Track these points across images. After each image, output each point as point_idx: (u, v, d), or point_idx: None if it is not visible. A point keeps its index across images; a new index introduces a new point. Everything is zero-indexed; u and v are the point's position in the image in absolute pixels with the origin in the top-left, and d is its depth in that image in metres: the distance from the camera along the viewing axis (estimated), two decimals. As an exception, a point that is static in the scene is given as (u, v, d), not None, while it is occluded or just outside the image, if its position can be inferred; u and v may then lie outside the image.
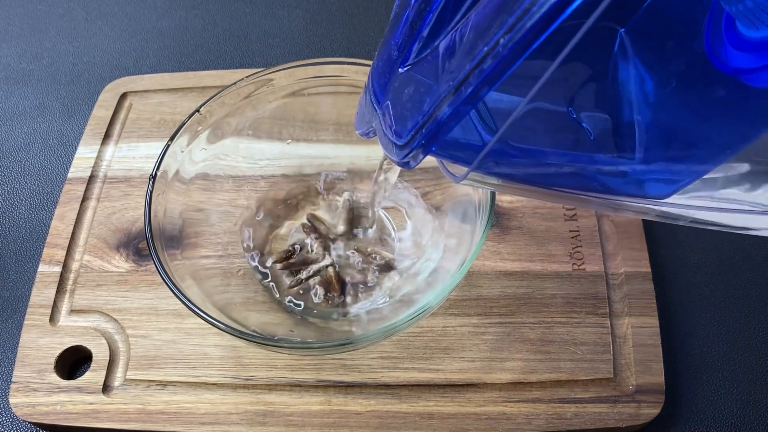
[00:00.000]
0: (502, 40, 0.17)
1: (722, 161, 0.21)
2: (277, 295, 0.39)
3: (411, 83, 0.22)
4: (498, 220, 0.41)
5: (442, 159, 0.26)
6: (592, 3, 0.15)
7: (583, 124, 0.23)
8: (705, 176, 0.21)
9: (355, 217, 0.42)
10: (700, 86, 0.21)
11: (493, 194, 0.32)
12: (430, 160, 0.26)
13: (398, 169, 0.35)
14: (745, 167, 0.21)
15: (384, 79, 0.24)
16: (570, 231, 0.41)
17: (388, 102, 0.23)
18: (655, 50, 0.22)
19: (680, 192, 0.22)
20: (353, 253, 0.40)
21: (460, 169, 0.25)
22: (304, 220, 0.42)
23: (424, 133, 0.21)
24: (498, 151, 0.23)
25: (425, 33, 0.22)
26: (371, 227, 0.41)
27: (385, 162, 0.34)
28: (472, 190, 0.35)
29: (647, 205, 0.24)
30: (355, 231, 0.41)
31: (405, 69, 0.23)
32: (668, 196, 0.22)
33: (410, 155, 0.23)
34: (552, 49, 0.17)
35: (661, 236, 0.42)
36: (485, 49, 0.18)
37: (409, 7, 0.23)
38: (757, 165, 0.21)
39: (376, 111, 0.24)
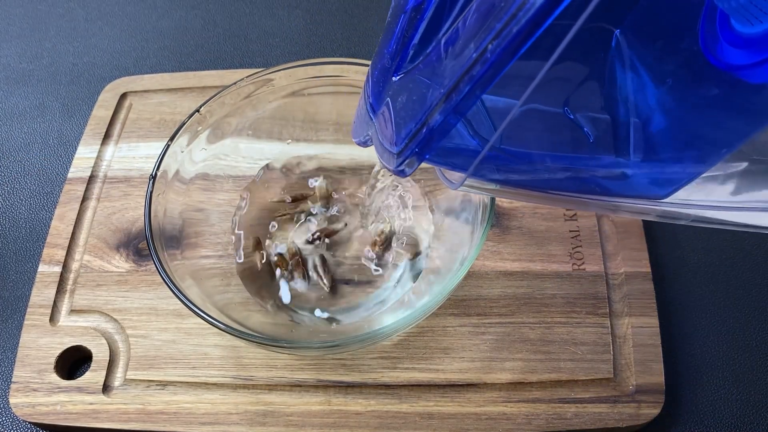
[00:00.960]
0: (490, 46, 0.17)
1: (720, 159, 0.21)
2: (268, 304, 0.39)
3: (404, 91, 0.22)
4: (498, 220, 0.41)
5: (438, 166, 0.25)
6: (578, 6, 0.15)
7: (581, 126, 0.23)
8: (704, 174, 0.21)
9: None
10: (697, 84, 0.21)
11: (493, 194, 0.32)
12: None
13: (390, 182, 0.35)
14: (743, 165, 0.21)
15: (379, 88, 0.24)
16: (570, 231, 0.41)
17: (383, 110, 0.23)
18: (650, 49, 0.22)
19: (679, 191, 0.22)
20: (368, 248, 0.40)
21: (457, 176, 0.25)
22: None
23: (418, 141, 0.21)
24: (494, 157, 0.23)
25: (417, 41, 0.22)
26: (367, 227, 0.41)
27: (379, 174, 0.34)
28: (472, 190, 0.35)
29: (647, 206, 0.24)
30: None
31: (398, 77, 0.23)
32: (667, 196, 0.22)
33: (405, 163, 0.23)
34: (546, 53, 0.17)
35: (661, 236, 0.42)
36: (474, 55, 0.18)
37: (401, 15, 0.23)
38: (755, 163, 0.21)
39: (372, 120, 0.24)
